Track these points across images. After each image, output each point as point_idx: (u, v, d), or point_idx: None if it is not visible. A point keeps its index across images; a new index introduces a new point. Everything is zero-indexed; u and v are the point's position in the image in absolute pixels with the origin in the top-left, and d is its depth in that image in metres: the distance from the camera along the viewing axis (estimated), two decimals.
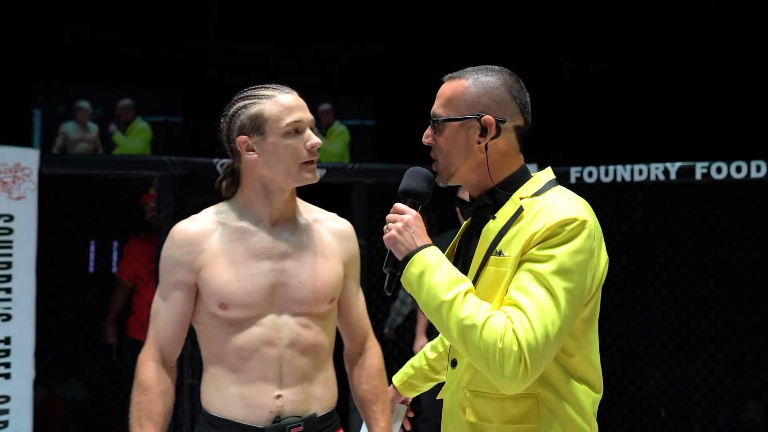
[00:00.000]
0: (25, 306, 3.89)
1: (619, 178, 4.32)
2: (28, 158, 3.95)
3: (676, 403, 4.64)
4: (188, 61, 7.02)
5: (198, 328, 1.92)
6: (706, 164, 4.21)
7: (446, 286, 1.52)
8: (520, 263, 1.53)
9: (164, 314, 1.88)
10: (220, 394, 1.86)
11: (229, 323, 1.85)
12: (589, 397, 1.60)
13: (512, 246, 1.54)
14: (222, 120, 1.91)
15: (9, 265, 3.86)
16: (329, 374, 1.96)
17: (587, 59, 6.87)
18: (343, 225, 2.02)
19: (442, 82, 1.69)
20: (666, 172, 4.28)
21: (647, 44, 6.72)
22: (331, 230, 1.98)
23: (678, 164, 4.27)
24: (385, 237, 1.61)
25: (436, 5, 6.67)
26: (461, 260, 1.70)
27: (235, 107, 1.88)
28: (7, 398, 3.85)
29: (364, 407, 2.02)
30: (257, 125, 1.84)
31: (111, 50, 6.79)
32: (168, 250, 1.89)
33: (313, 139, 1.85)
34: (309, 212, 1.99)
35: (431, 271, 1.54)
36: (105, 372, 4.60)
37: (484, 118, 1.60)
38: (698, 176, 4.24)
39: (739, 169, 4.15)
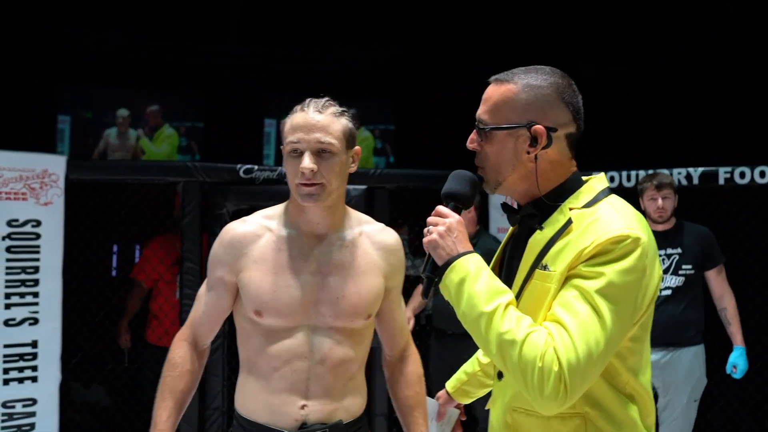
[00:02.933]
0: (52, 310, 3.96)
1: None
2: (56, 164, 4.02)
3: (699, 409, 4.60)
4: (211, 65, 7.07)
5: (237, 329, 1.98)
6: (729, 169, 4.19)
7: (486, 296, 1.45)
8: (566, 279, 1.45)
9: (204, 303, 1.98)
10: (249, 399, 1.93)
11: (264, 331, 1.89)
12: (640, 415, 1.52)
13: (559, 261, 1.46)
14: None
15: (36, 269, 3.92)
16: (358, 383, 1.99)
17: (607, 62, 6.84)
18: (389, 238, 2.01)
19: (487, 84, 1.60)
20: (689, 177, 4.26)
21: (669, 47, 6.68)
22: (376, 244, 1.98)
23: (701, 169, 4.25)
24: (425, 240, 1.55)
25: (454, 8, 6.67)
26: (505, 271, 1.64)
27: None
28: (34, 401, 3.91)
29: (404, 412, 2.07)
30: (282, 138, 1.90)
31: (135, 55, 6.86)
32: (215, 247, 1.97)
33: (303, 162, 1.82)
34: (358, 224, 1.99)
35: (471, 280, 1.47)
36: (130, 375, 4.63)
37: (534, 127, 1.51)
38: (721, 181, 4.22)
39: (762, 174, 4.12)
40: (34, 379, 3.91)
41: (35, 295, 3.92)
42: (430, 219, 1.57)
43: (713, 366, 4.59)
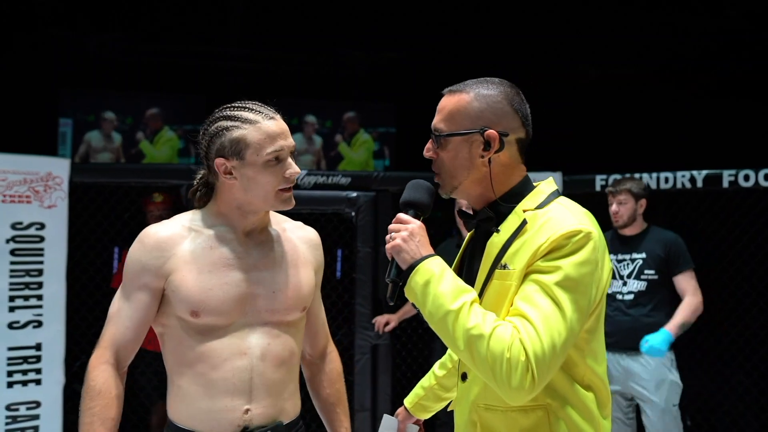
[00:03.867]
0: (56, 312, 3.96)
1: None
2: (60, 167, 4.02)
3: (703, 412, 4.59)
4: (213, 68, 7.08)
5: (164, 333, 1.88)
6: (733, 172, 4.18)
7: (452, 295, 1.52)
8: (525, 275, 1.53)
9: (125, 317, 1.84)
10: (186, 407, 1.83)
11: (199, 330, 1.82)
12: (597, 404, 1.60)
13: (517, 259, 1.55)
14: (201, 132, 1.88)
15: (40, 272, 3.93)
16: (296, 386, 1.96)
17: (612, 65, 6.84)
18: (312, 234, 2.04)
19: (441, 96, 1.70)
20: (692, 179, 4.25)
21: (673, 51, 6.68)
22: (301, 239, 2.00)
23: (705, 172, 4.24)
24: (388, 246, 1.62)
25: (457, 12, 6.67)
26: (465, 273, 1.71)
27: (216, 126, 1.84)
28: (38, 404, 3.91)
29: (326, 410, 2.06)
30: (237, 150, 1.80)
31: (137, 58, 6.87)
32: (136, 253, 1.85)
33: (292, 167, 1.83)
34: (278, 222, 1.99)
35: (436, 281, 1.54)
36: (133, 379, 4.62)
37: (487, 132, 1.61)
38: (725, 184, 4.20)
39: (767, 177, 4.11)
40: (38, 382, 3.91)
41: (39, 297, 3.92)
42: (391, 226, 1.64)
43: (715, 370, 4.58)
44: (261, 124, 1.81)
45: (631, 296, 3.85)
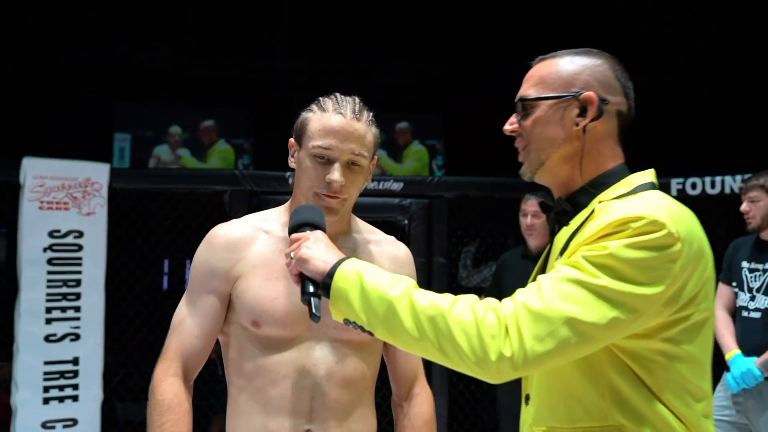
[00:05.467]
0: (94, 325, 3.84)
1: (727, 190, 3.99)
2: (99, 172, 3.89)
3: None
4: (260, 80, 7.03)
5: (224, 342, 1.75)
6: None
7: (389, 284, 1.31)
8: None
9: (193, 326, 1.69)
10: (242, 424, 1.68)
11: (261, 342, 1.67)
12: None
13: (568, 252, 1.32)
14: None
15: (78, 282, 3.79)
16: (367, 405, 1.76)
17: (683, 68, 6.54)
18: (400, 251, 1.84)
19: (529, 67, 1.46)
20: None
21: (727, 53, 6.37)
22: (387, 254, 1.80)
23: None
24: (291, 265, 1.42)
25: (501, 22, 6.46)
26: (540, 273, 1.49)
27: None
28: (75, 421, 3.76)
29: None
30: (300, 133, 1.70)
31: (188, 73, 6.88)
32: (204, 254, 1.72)
33: (333, 174, 1.63)
34: (367, 231, 1.82)
35: (365, 275, 1.33)
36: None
37: (584, 95, 1.36)
38: None
39: None
40: (75, 398, 3.77)
41: (77, 309, 3.80)
42: (287, 250, 1.47)
43: None
44: (327, 115, 1.66)
45: (758, 314, 3.30)
